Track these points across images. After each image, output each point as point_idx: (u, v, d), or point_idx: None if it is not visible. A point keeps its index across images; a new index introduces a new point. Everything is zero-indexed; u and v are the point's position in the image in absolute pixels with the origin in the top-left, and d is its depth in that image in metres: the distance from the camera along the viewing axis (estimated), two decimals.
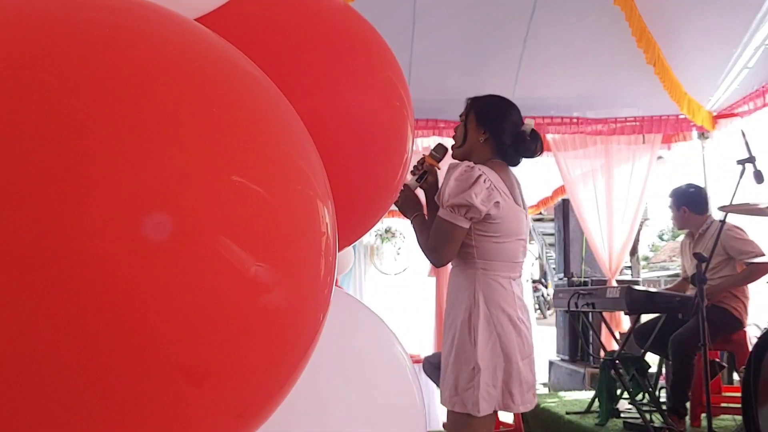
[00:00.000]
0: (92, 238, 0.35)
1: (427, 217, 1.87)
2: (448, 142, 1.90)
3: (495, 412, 1.66)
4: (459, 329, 1.63)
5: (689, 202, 3.31)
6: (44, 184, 0.35)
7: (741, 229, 3.13)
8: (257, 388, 0.43)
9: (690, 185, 3.47)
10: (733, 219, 2.95)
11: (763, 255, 3.03)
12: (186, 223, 0.37)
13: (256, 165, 0.42)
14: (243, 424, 0.44)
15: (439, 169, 1.83)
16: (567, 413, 3.38)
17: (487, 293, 1.64)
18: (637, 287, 3.14)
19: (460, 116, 1.84)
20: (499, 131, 1.76)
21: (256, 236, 0.41)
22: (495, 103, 1.83)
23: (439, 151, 1.84)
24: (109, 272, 0.36)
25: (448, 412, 1.66)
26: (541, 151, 1.83)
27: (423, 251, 1.74)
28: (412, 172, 1.83)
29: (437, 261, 1.69)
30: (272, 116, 0.46)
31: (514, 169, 1.80)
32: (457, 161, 1.72)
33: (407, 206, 1.81)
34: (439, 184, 1.78)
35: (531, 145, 1.78)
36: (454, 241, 1.64)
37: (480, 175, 1.62)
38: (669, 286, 3.81)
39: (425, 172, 1.81)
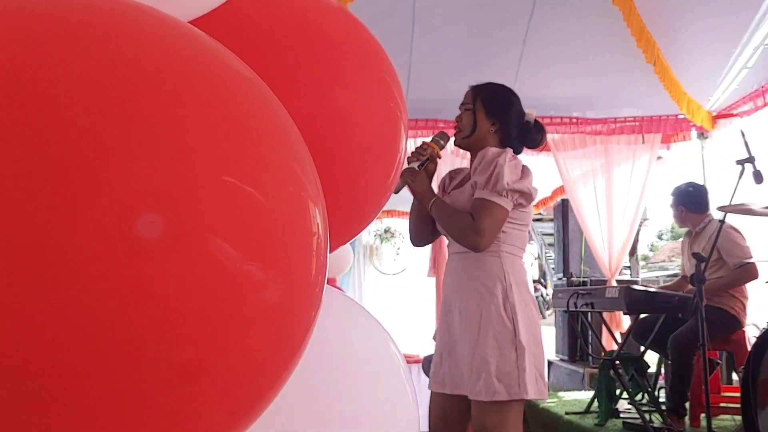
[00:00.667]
0: (84, 237, 0.36)
1: (411, 215, 1.88)
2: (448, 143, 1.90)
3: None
4: (492, 313, 1.57)
5: (686, 201, 3.32)
6: (37, 183, 0.36)
7: (737, 231, 3.13)
8: (249, 386, 0.44)
9: (690, 184, 3.47)
10: (732, 219, 2.95)
11: (750, 260, 3.05)
12: (178, 222, 0.38)
13: (247, 166, 0.42)
14: (235, 421, 0.44)
15: (440, 157, 1.82)
16: (566, 413, 3.38)
17: (516, 275, 1.64)
18: (636, 287, 3.14)
19: (464, 105, 1.83)
20: (507, 122, 1.75)
21: (247, 236, 0.41)
22: (501, 93, 1.81)
23: (443, 138, 1.82)
24: (100, 271, 0.36)
25: (481, 405, 1.55)
26: (543, 142, 1.82)
27: (459, 234, 1.64)
28: (410, 159, 1.80)
29: (481, 244, 1.61)
30: (264, 118, 0.46)
31: None
32: (492, 148, 1.67)
33: (427, 191, 1.74)
34: (435, 173, 1.80)
35: (536, 135, 1.78)
36: (500, 225, 1.62)
37: (524, 165, 1.66)
38: (666, 284, 3.82)
39: (428, 159, 1.79)
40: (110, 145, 0.38)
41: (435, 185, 1.98)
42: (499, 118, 1.74)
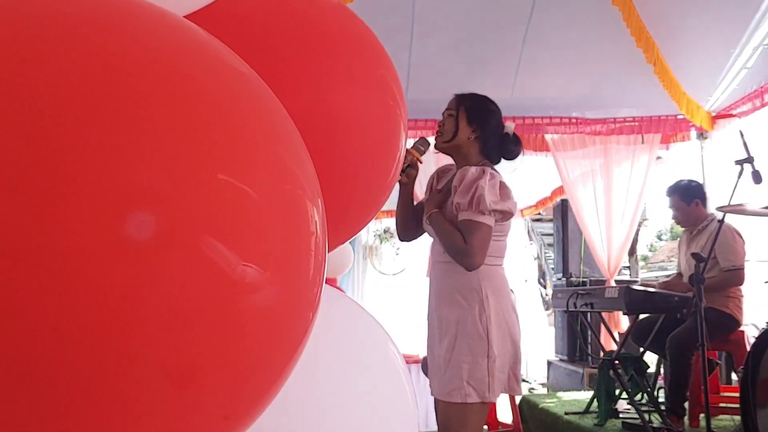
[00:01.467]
0: (73, 237, 0.35)
1: (398, 207, 1.94)
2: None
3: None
4: (468, 324, 1.67)
5: (700, 195, 3.31)
6: (25, 180, 0.35)
7: (739, 236, 3.12)
8: (244, 390, 0.43)
9: (690, 180, 3.47)
10: (731, 219, 2.95)
11: (741, 267, 3.05)
12: (170, 222, 0.37)
13: (242, 163, 0.41)
14: (229, 426, 0.43)
15: (421, 162, 1.86)
16: (566, 413, 3.37)
17: (493, 285, 1.72)
18: (635, 287, 3.14)
19: (447, 110, 1.89)
20: (487, 131, 1.83)
21: (242, 236, 0.40)
22: (483, 103, 1.89)
23: (423, 144, 1.87)
24: (90, 272, 0.35)
25: (449, 404, 1.67)
26: (521, 155, 1.91)
27: (453, 254, 1.73)
28: None
29: (474, 264, 1.69)
30: (260, 114, 0.46)
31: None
32: (471, 168, 1.74)
33: (432, 202, 1.82)
34: (416, 178, 1.86)
35: (513, 147, 1.87)
36: (488, 240, 1.70)
37: (502, 181, 1.74)
38: (663, 280, 3.81)
39: (408, 165, 1.83)
40: (100, 141, 0.37)
41: (419, 189, 2.02)
42: (480, 127, 1.83)
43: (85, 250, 0.35)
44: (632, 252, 5.59)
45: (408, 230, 1.98)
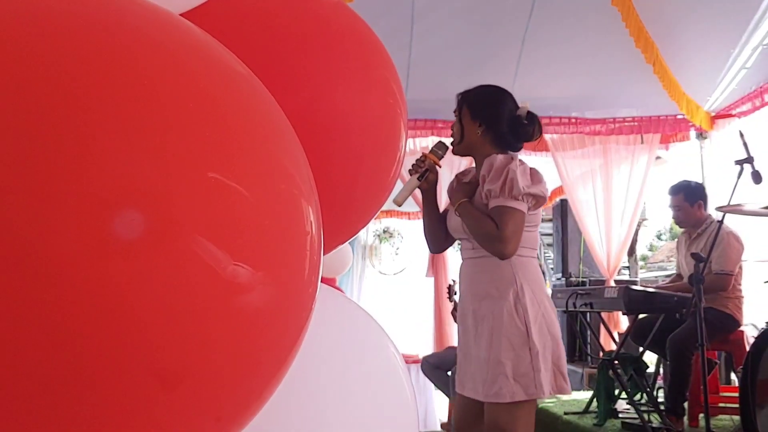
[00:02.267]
0: (60, 237, 0.34)
1: (424, 216, 1.87)
2: (447, 142, 1.90)
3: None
4: (504, 316, 1.60)
5: (704, 197, 3.30)
6: (13, 179, 0.34)
7: (738, 243, 3.11)
8: (235, 392, 0.42)
9: (692, 181, 3.46)
10: (730, 219, 2.94)
11: (730, 273, 3.05)
12: (159, 221, 0.36)
13: (235, 162, 0.41)
14: (222, 427, 0.42)
15: (440, 167, 1.82)
16: (565, 413, 3.37)
17: (528, 276, 1.65)
18: (635, 287, 3.14)
19: (455, 112, 1.84)
20: (493, 120, 1.74)
21: (234, 235, 0.39)
22: (486, 93, 1.81)
23: (441, 148, 1.83)
24: (78, 272, 0.35)
25: (497, 405, 1.58)
26: (540, 133, 1.80)
27: (485, 242, 1.65)
28: (411, 170, 1.82)
29: (506, 251, 1.62)
30: (254, 113, 0.45)
31: None
32: (499, 155, 1.67)
33: (460, 192, 1.75)
34: (439, 182, 1.80)
35: (528, 128, 1.76)
36: (521, 229, 1.63)
37: (532, 167, 1.67)
38: (664, 282, 3.81)
39: (427, 170, 1.79)
40: (88, 139, 0.36)
41: (440, 195, 1.98)
42: (485, 119, 1.74)
43: (73, 250, 0.35)
44: (631, 252, 5.59)
45: (438, 240, 1.89)
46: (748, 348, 2.58)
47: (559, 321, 5.08)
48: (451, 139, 1.84)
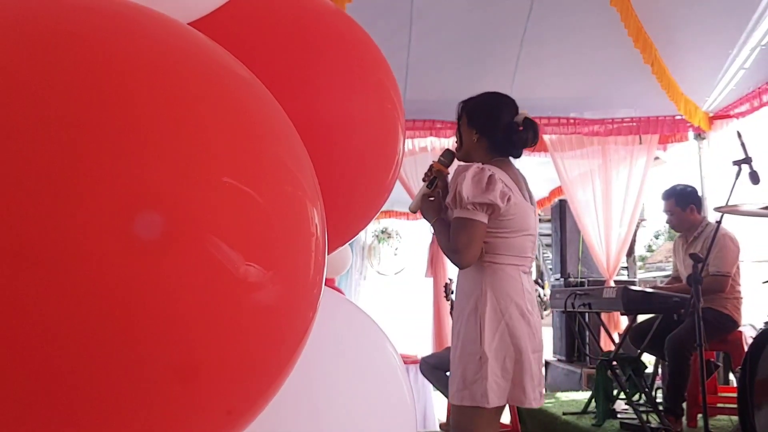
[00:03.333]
0: (82, 237, 0.36)
1: (440, 237, 1.89)
2: (445, 143, 1.92)
3: (502, 408, 1.64)
4: (465, 322, 1.63)
5: (696, 201, 3.32)
6: (35, 182, 0.36)
7: (734, 244, 3.13)
8: (246, 386, 0.44)
9: (686, 185, 3.47)
10: (728, 220, 2.96)
11: (727, 274, 3.07)
12: (176, 222, 0.38)
13: (246, 166, 0.42)
14: (232, 421, 0.44)
15: (448, 174, 1.84)
16: (564, 414, 3.38)
17: (495, 283, 1.64)
18: (633, 287, 3.15)
19: (457, 120, 1.87)
20: (488, 128, 1.77)
21: (246, 236, 0.41)
22: (483, 101, 1.84)
23: (447, 156, 1.85)
24: (98, 270, 0.36)
25: (454, 408, 1.63)
26: (536, 140, 1.82)
27: (447, 255, 1.72)
28: (424, 179, 1.87)
29: (461, 262, 1.65)
30: (262, 118, 0.46)
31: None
32: (463, 164, 1.72)
33: (428, 211, 1.81)
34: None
35: (524, 134, 1.78)
36: (476, 239, 1.63)
37: (492, 174, 1.65)
38: (664, 283, 3.82)
39: (435, 177, 1.81)
40: (109, 144, 0.38)
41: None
42: (479, 127, 1.77)
43: (93, 249, 0.36)
44: (630, 252, 5.60)
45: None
46: (746, 348, 2.59)
47: (557, 321, 5.06)
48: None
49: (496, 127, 1.77)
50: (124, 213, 0.37)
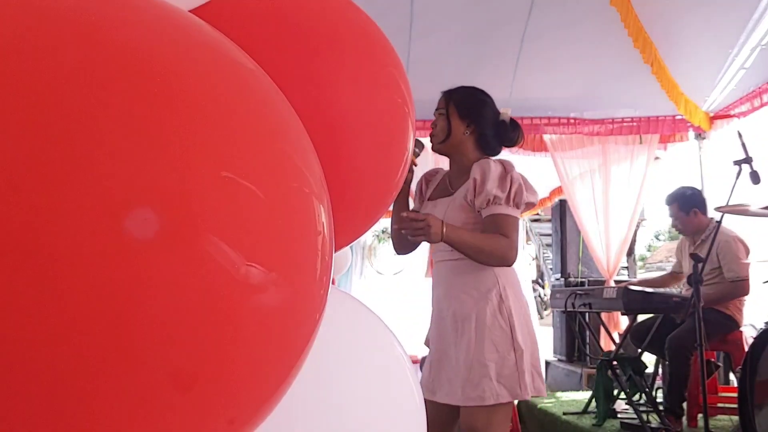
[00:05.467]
0: (72, 236, 0.34)
1: (393, 215, 1.88)
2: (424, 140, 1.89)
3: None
4: (488, 317, 1.59)
5: (699, 204, 3.31)
6: (24, 178, 0.34)
7: (743, 245, 3.12)
8: (249, 393, 0.42)
9: (688, 187, 3.47)
10: (729, 220, 2.95)
11: (746, 278, 3.07)
12: (172, 220, 0.36)
13: (247, 160, 0.40)
14: (234, 430, 0.42)
15: (416, 165, 1.82)
16: (564, 414, 3.37)
17: (509, 279, 1.67)
18: (633, 287, 3.14)
19: (437, 110, 1.85)
20: (481, 122, 1.78)
21: (247, 235, 0.39)
22: (473, 95, 1.84)
23: (418, 146, 1.83)
24: (91, 271, 0.34)
25: (477, 408, 1.55)
26: (522, 139, 1.85)
27: (494, 253, 1.61)
28: None
29: (514, 258, 1.63)
30: (266, 111, 0.44)
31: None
32: (492, 161, 1.70)
33: (435, 221, 1.66)
34: (411, 181, 1.81)
35: (512, 134, 1.80)
36: None
37: (521, 175, 1.69)
38: (655, 277, 3.82)
39: None
40: (100, 137, 0.36)
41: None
42: (474, 120, 1.77)
43: (84, 249, 0.34)
44: (630, 252, 5.60)
45: (405, 244, 1.91)
46: (746, 348, 2.59)
47: (558, 321, 5.07)
48: (428, 138, 1.85)
49: (488, 123, 1.78)
50: (117, 210, 0.34)
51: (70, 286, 0.34)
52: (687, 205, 3.30)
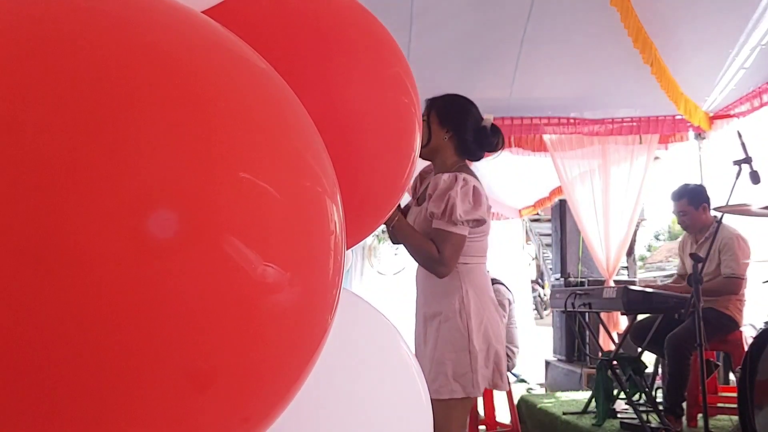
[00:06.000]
0: (94, 236, 0.34)
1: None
2: None
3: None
4: (448, 320, 1.72)
5: (707, 200, 3.32)
6: (45, 178, 0.34)
7: (745, 244, 3.13)
8: (263, 392, 0.42)
9: (696, 184, 3.47)
10: (729, 220, 2.95)
11: (741, 276, 3.08)
12: (192, 220, 0.36)
13: (264, 161, 0.40)
14: (248, 428, 0.42)
15: None
16: (564, 413, 3.38)
17: (473, 282, 1.76)
18: (633, 287, 3.15)
19: (422, 117, 1.89)
20: (461, 128, 1.83)
21: (264, 235, 0.39)
22: (455, 102, 1.89)
23: None
24: (111, 271, 0.34)
25: (435, 402, 1.66)
26: (503, 146, 1.91)
27: (424, 263, 1.76)
28: None
29: (444, 273, 1.73)
30: (281, 111, 0.45)
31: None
32: (444, 175, 1.76)
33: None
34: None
35: (492, 139, 1.86)
36: (461, 249, 1.73)
37: (476, 187, 1.75)
38: (667, 282, 3.81)
39: None
40: (121, 139, 0.36)
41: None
42: (453, 126, 1.83)
43: (106, 249, 0.34)
44: (630, 252, 5.61)
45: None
46: (746, 348, 2.59)
47: (558, 321, 5.09)
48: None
49: (467, 129, 1.84)
50: (137, 211, 0.35)
51: (91, 285, 0.35)
52: (697, 200, 3.31)
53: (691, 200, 3.30)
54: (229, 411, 0.40)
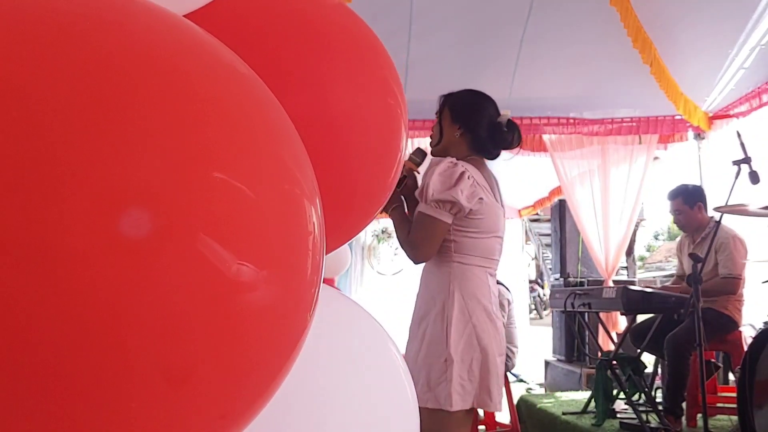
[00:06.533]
0: (66, 235, 0.34)
1: (402, 224, 1.87)
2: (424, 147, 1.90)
3: (472, 410, 1.61)
4: (431, 323, 1.59)
5: (703, 199, 3.32)
6: (16, 177, 0.34)
7: (743, 246, 3.13)
8: (240, 390, 0.43)
9: (689, 184, 3.47)
10: (728, 220, 2.95)
11: (738, 276, 3.08)
12: (165, 219, 0.37)
13: (238, 161, 0.41)
14: (226, 425, 0.43)
15: (418, 173, 1.83)
16: (563, 413, 3.38)
17: (463, 284, 1.61)
18: (633, 287, 3.15)
19: (436, 114, 1.86)
20: (473, 125, 1.76)
21: (238, 234, 0.40)
22: (468, 98, 1.83)
23: (418, 155, 1.84)
24: (83, 270, 0.35)
25: (421, 410, 1.58)
26: (519, 142, 1.81)
27: (402, 246, 1.70)
28: None
29: (416, 257, 1.65)
30: (258, 113, 0.45)
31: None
32: (439, 158, 1.70)
33: (393, 210, 1.78)
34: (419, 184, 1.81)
35: (508, 136, 1.77)
36: (436, 237, 1.62)
37: (464, 172, 1.63)
38: (667, 284, 3.82)
39: (404, 176, 1.80)
40: (95, 138, 0.36)
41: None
42: (464, 123, 1.76)
43: (79, 248, 0.35)
44: (629, 252, 5.61)
45: None
46: (746, 348, 2.59)
47: (557, 321, 5.08)
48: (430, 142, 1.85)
49: (480, 125, 1.76)
50: (111, 210, 0.35)
51: (62, 283, 0.35)
52: (691, 199, 3.31)
53: (686, 199, 3.31)
54: (205, 407, 0.40)
